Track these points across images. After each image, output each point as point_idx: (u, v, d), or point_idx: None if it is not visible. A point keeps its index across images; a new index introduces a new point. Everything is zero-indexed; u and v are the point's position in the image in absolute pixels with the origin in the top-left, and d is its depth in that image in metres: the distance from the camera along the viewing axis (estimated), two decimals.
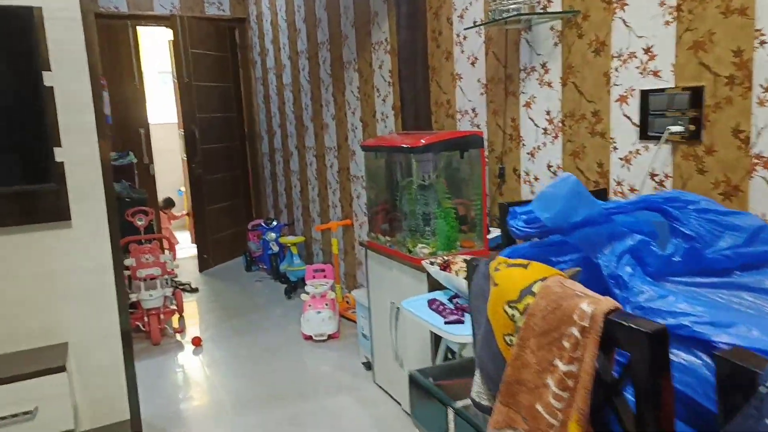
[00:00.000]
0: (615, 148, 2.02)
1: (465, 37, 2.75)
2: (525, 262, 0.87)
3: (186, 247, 6.67)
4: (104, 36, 5.50)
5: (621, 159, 2.00)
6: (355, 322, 3.92)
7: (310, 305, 3.73)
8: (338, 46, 4.05)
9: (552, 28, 2.24)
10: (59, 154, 2.23)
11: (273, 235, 5.19)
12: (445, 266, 2.20)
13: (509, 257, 0.96)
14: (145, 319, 3.74)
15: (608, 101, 2.03)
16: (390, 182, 2.80)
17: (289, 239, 5.03)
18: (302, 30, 4.67)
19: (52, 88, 2.20)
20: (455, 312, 2.06)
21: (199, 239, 5.62)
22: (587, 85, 2.11)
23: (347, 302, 4.20)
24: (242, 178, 6.18)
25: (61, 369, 2.14)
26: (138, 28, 5.76)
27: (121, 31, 5.64)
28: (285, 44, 5.07)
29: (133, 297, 3.70)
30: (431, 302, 2.17)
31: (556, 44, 2.23)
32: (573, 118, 2.19)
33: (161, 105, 7.33)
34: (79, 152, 2.29)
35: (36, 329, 2.31)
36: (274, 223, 5.26)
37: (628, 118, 1.96)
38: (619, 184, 2.03)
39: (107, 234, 2.40)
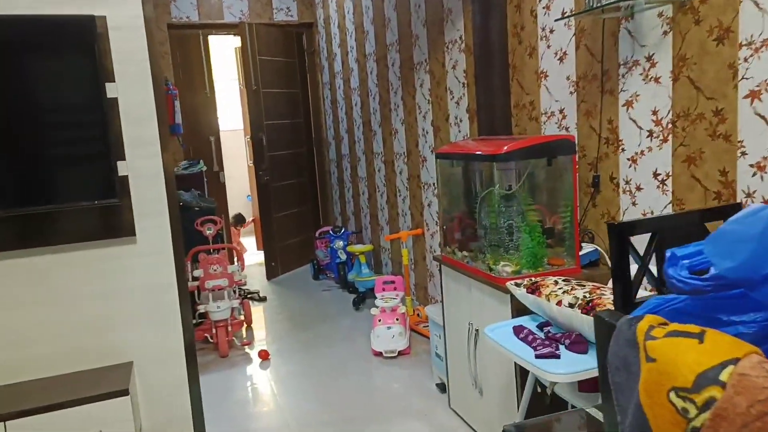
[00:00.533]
0: (744, 154, 1.70)
1: (552, 30, 2.47)
2: (696, 329, 0.62)
3: (252, 253, 6.67)
4: (176, 46, 5.57)
5: (752, 166, 1.68)
6: (426, 337, 3.70)
7: (380, 320, 3.54)
8: (408, 47, 3.84)
9: (661, 15, 1.93)
10: (123, 168, 2.14)
11: (341, 243, 5.05)
12: (534, 289, 1.94)
13: (658, 313, 0.72)
14: (213, 330, 3.68)
15: (735, 98, 1.71)
16: (467, 192, 2.56)
17: (357, 248, 4.88)
18: (370, 32, 4.51)
19: (116, 99, 2.12)
20: (547, 343, 1.80)
21: (266, 247, 5.57)
22: (706, 80, 1.79)
23: (418, 315, 3.99)
24: (309, 185, 6.10)
25: (125, 392, 2.04)
26: (209, 37, 5.79)
27: (192, 41, 5.69)
28: (353, 47, 4.93)
29: (201, 308, 3.64)
30: (518, 330, 1.91)
31: (665, 33, 1.92)
32: (687, 119, 1.87)
33: (228, 112, 7.40)
34: (143, 165, 2.20)
35: (101, 348, 2.24)
36: (342, 230, 5.12)
37: (762, 117, 1.63)
38: (749, 196, 1.70)
39: (171, 250, 2.29)
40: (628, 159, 2.14)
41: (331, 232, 5.16)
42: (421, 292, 4.12)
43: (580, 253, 2.27)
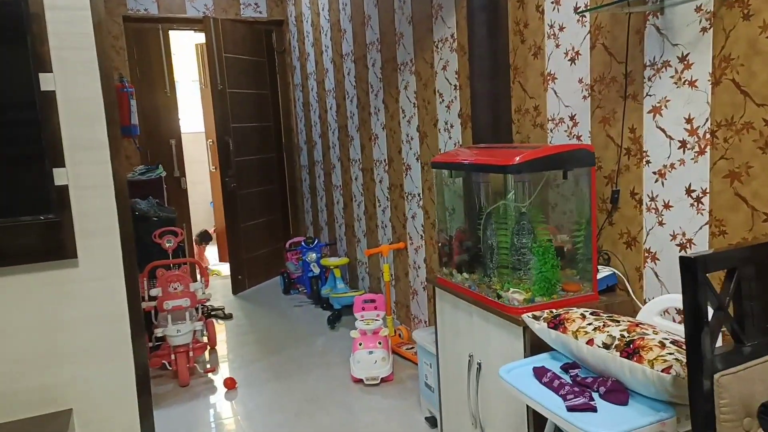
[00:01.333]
0: None
1: (562, 28, 2.21)
2: None
3: (215, 265, 6.26)
4: (132, 40, 5.15)
5: None
6: (410, 360, 3.40)
7: (360, 344, 3.22)
8: (391, 46, 3.55)
9: (699, 9, 1.68)
10: (62, 176, 1.77)
11: (314, 255, 4.71)
12: (557, 324, 1.66)
13: None
14: (172, 357, 3.29)
15: None
16: (469, 207, 2.27)
17: (331, 261, 4.55)
18: (348, 30, 4.20)
19: (53, 93, 1.75)
20: (577, 390, 1.51)
21: (232, 259, 5.18)
22: (756, 84, 1.55)
23: (399, 336, 3.69)
24: (279, 193, 5.74)
25: None
26: (169, 32, 5.38)
27: (151, 36, 5.27)
28: (328, 46, 4.61)
29: (159, 332, 3.25)
30: (539, 372, 1.63)
31: (704, 30, 1.68)
32: (731, 128, 1.63)
33: (189, 113, 6.95)
34: (87, 173, 1.83)
35: (34, 393, 1.86)
36: (315, 242, 4.78)
37: None
38: None
39: (122, 273, 1.93)
40: (655, 173, 1.89)
41: (303, 243, 4.81)
42: (402, 310, 3.82)
43: (597, 277, 2.01)
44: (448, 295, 2.28)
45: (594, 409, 1.43)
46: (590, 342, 1.54)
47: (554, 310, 1.73)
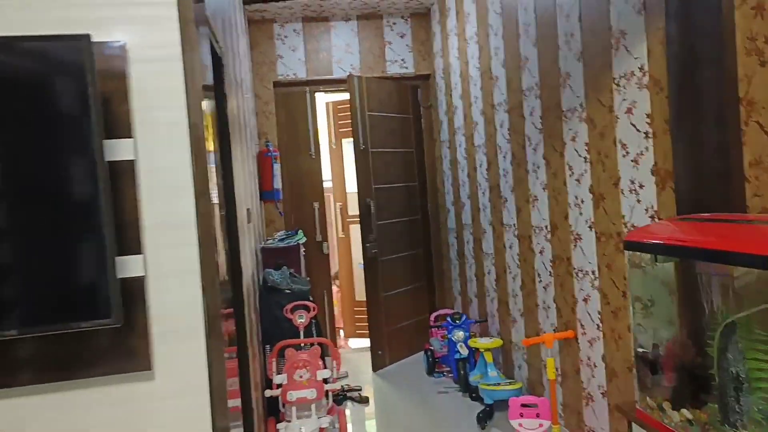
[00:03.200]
0: None
1: None
2: None
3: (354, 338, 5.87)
4: (280, 104, 5.11)
5: None
6: None
7: None
8: (554, 90, 2.93)
9: None
10: (132, 266, 1.40)
11: (461, 334, 4.07)
12: None
13: None
14: None
15: None
16: (691, 310, 1.53)
17: (482, 342, 3.87)
18: (500, 76, 3.66)
19: (131, 163, 1.41)
20: None
21: (373, 332, 4.73)
22: None
23: None
24: (424, 259, 5.24)
25: None
26: (315, 94, 5.29)
27: (297, 99, 5.21)
28: (477, 97, 4.10)
29: (282, 429, 2.82)
30: None
31: None
32: None
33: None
34: (167, 260, 1.45)
35: None
36: (463, 318, 4.16)
37: None
38: None
39: (206, 388, 1.50)
40: None
41: (449, 319, 4.21)
42: (572, 417, 3.01)
43: None
44: None
45: None
46: None
47: None
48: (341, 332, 5.76)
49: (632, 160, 2.30)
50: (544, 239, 3.18)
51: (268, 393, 2.99)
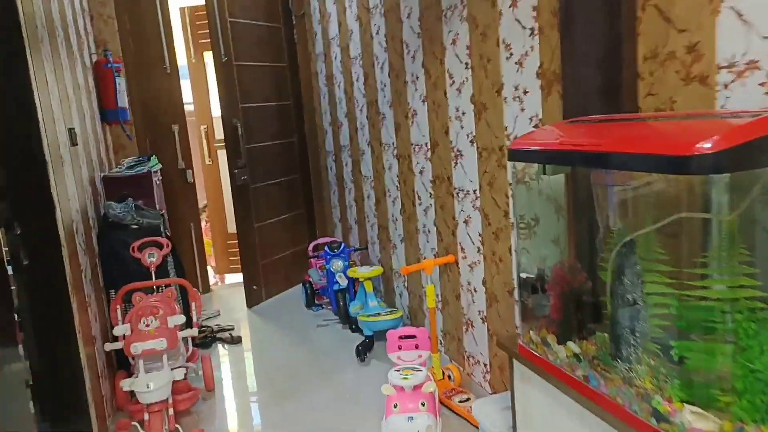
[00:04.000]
0: None
1: None
2: None
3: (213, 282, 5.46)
4: (123, 7, 4.30)
5: None
6: (464, 418, 2.48)
7: (395, 405, 2.30)
8: None
9: None
10: None
11: (340, 264, 3.81)
12: None
13: None
14: (146, 417, 2.44)
15: None
16: (582, 228, 1.30)
17: (362, 272, 3.63)
18: None
19: None
20: None
21: (246, 266, 4.34)
22: None
23: (449, 378, 2.76)
24: (303, 185, 4.84)
25: None
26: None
27: (145, 1, 4.42)
28: (352, 0, 3.64)
29: (126, 385, 2.41)
30: None
31: None
32: None
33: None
34: None
35: None
36: (341, 246, 3.88)
37: None
38: None
39: None
40: None
41: (327, 248, 3.91)
42: (452, 344, 2.88)
43: None
44: (539, 380, 1.32)
45: None
46: None
47: None
48: (209, 269, 5.31)
49: (516, 62, 2.02)
50: (424, 158, 2.91)
51: (108, 347, 2.55)
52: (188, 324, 2.97)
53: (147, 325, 2.52)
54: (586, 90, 1.58)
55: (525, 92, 2.00)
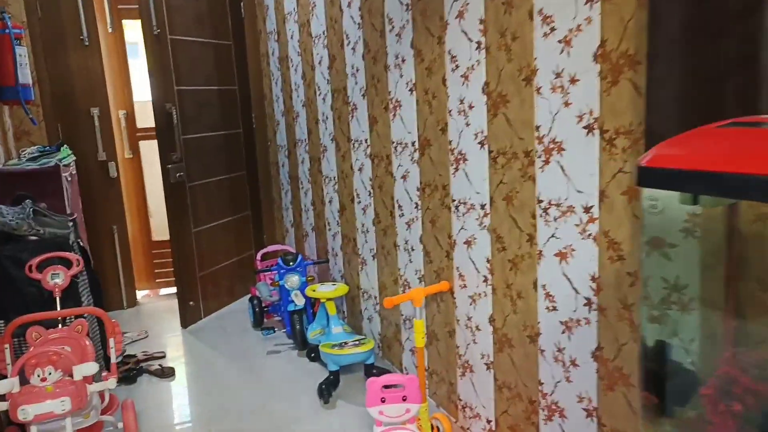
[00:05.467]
0: None
1: None
2: None
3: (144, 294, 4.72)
4: None
5: None
6: None
7: None
8: None
9: None
10: None
11: (296, 279, 3.22)
12: None
13: None
14: None
15: None
16: None
17: (322, 290, 3.06)
18: None
19: None
20: None
21: (181, 278, 3.66)
22: None
23: (437, 429, 2.25)
24: (249, 183, 4.20)
25: None
26: None
27: None
28: None
29: None
30: None
31: None
32: None
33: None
34: None
35: None
36: (298, 258, 3.29)
37: None
38: None
39: None
40: None
41: (280, 260, 3.31)
42: (442, 388, 2.36)
43: None
44: None
45: None
46: None
47: None
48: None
49: (561, 40, 1.52)
50: (410, 160, 2.37)
51: None
52: (106, 362, 2.32)
53: (43, 379, 1.86)
54: (703, 74, 1.09)
55: (573, 80, 1.49)
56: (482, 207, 1.94)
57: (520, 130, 1.71)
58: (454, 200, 2.10)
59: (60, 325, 2.22)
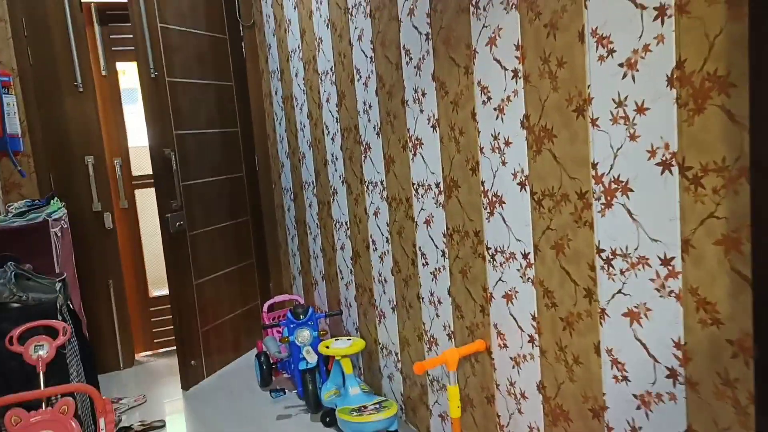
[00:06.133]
0: None
1: None
2: None
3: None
4: (19, 7, 3.36)
5: None
6: None
7: None
8: None
9: None
10: None
11: (307, 334, 2.95)
12: None
13: None
14: None
15: None
16: None
17: (337, 346, 2.79)
18: None
19: None
20: None
21: (181, 336, 3.38)
22: None
23: None
24: (254, 229, 3.96)
25: None
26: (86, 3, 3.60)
27: (52, 4, 3.48)
28: (321, 1, 2.87)
29: None
30: None
31: None
32: None
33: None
34: None
35: None
36: (309, 311, 3.02)
37: None
38: None
39: None
40: None
41: (290, 314, 3.04)
42: None
43: None
44: None
45: None
46: None
47: None
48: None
49: (623, 64, 1.29)
50: (434, 203, 2.13)
51: None
52: None
53: None
54: None
55: (641, 109, 1.26)
56: (525, 256, 1.69)
57: (571, 168, 1.47)
58: (489, 248, 1.85)
59: (44, 405, 1.95)
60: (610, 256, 1.39)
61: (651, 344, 1.31)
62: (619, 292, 1.38)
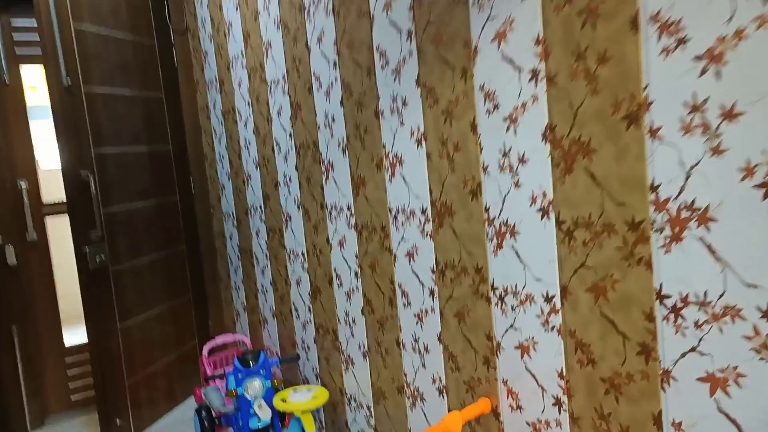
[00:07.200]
0: None
1: None
2: None
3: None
4: None
5: None
6: None
7: None
8: None
9: None
10: None
11: (259, 385, 2.51)
12: None
13: None
14: None
15: None
16: None
17: (296, 400, 2.37)
18: None
19: None
20: None
21: (103, 392, 2.84)
22: None
23: None
24: (189, 260, 3.47)
25: None
26: None
27: None
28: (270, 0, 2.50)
29: None
30: None
31: None
32: None
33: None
34: None
35: None
36: (260, 357, 2.59)
37: None
38: None
39: None
40: None
41: (237, 362, 2.59)
42: None
43: None
44: None
45: None
46: None
47: None
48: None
49: (703, 56, 1.00)
50: (419, 232, 1.79)
51: None
52: None
53: None
54: None
55: (731, 115, 0.97)
56: (548, 300, 1.37)
57: (617, 191, 1.17)
58: (495, 288, 1.52)
59: None
60: (679, 305, 1.09)
61: (740, 417, 1.01)
62: (693, 350, 1.08)
